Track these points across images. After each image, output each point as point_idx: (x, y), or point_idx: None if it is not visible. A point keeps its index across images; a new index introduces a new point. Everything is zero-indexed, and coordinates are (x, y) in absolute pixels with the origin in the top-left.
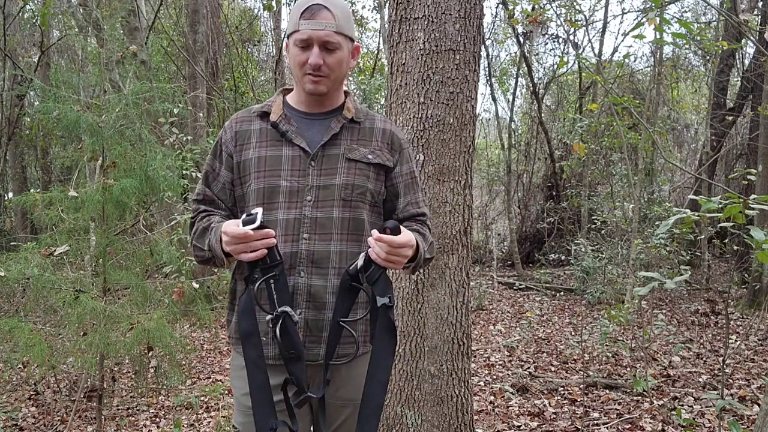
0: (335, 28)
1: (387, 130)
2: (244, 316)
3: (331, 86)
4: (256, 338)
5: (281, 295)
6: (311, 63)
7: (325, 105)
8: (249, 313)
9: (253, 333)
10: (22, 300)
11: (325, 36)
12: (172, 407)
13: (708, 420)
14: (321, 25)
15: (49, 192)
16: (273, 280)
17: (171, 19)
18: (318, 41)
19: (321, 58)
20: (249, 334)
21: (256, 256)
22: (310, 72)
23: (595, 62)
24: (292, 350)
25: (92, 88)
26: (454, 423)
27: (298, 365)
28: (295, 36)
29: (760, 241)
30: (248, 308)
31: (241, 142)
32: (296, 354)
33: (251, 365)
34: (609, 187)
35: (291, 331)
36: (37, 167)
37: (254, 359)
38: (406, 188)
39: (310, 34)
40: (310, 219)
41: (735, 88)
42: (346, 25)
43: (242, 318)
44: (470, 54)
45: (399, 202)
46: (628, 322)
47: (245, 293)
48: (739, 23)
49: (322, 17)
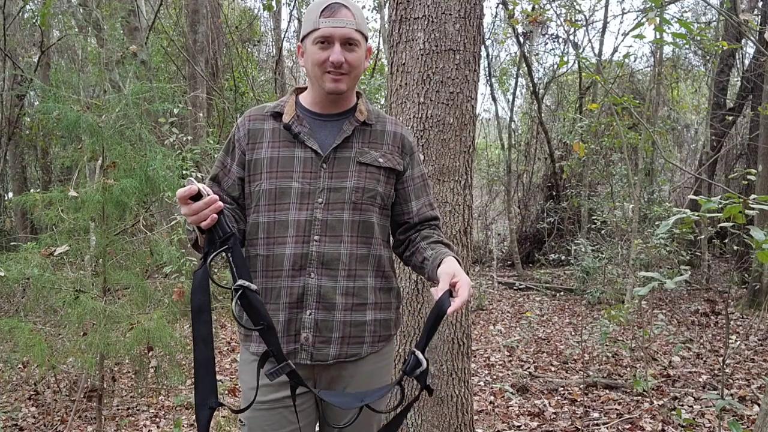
0: (355, 26)
1: (398, 134)
2: (197, 292)
3: (351, 85)
4: (207, 315)
5: (239, 269)
6: (333, 60)
7: (339, 106)
8: (202, 289)
9: (204, 309)
10: (22, 300)
11: (347, 33)
12: (172, 407)
13: (708, 420)
14: (342, 23)
15: (49, 192)
16: (229, 254)
17: (171, 19)
18: (340, 38)
19: (343, 56)
20: (200, 311)
21: (208, 223)
22: (331, 70)
23: (595, 62)
24: (261, 321)
25: (92, 88)
26: (454, 423)
27: (271, 334)
28: (314, 34)
29: (760, 241)
30: (202, 284)
31: (253, 141)
32: (266, 324)
33: (199, 341)
34: (609, 187)
35: (255, 302)
36: (37, 167)
37: (203, 336)
38: (419, 191)
39: (331, 32)
40: (321, 221)
41: (735, 88)
42: (363, 23)
43: (195, 293)
44: (470, 54)
45: (412, 205)
46: (628, 322)
47: (201, 269)
48: (739, 23)
49: (342, 15)
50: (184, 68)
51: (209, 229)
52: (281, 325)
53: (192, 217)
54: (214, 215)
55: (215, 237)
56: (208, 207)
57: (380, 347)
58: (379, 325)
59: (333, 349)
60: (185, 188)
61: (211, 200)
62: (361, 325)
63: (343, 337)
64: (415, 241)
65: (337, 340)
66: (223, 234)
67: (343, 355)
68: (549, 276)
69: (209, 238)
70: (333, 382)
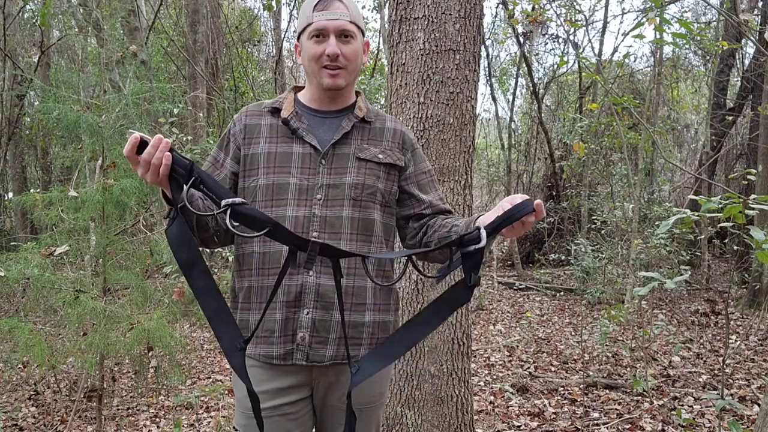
0: (349, 18)
1: (398, 130)
2: (180, 248)
3: (348, 79)
4: (201, 265)
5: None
6: (328, 53)
7: (338, 103)
8: (184, 243)
9: (194, 261)
10: (22, 300)
11: (341, 25)
12: (172, 407)
13: (708, 420)
14: (336, 15)
15: (49, 192)
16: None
17: (171, 19)
18: (334, 30)
19: (338, 48)
20: (191, 264)
21: (166, 165)
22: (327, 64)
23: (595, 62)
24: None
25: (92, 88)
26: (454, 423)
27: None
28: (309, 29)
29: (760, 241)
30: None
31: (249, 136)
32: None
33: (202, 293)
34: (609, 187)
35: (248, 212)
36: (37, 167)
37: (203, 287)
38: (427, 186)
39: (325, 24)
40: (320, 217)
41: (735, 88)
42: (357, 16)
43: (178, 251)
44: (470, 54)
45: (423, 200)
46: (628, 322)
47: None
48: (739, 23)
49: (335, 8)
50: (184, 68)
51: (170, 177)
52: (277, 325)
53: (149, 173)
54: (167, 153)
55: (178, 177)
56: (157, 149)
57: None
58: (378, 327)
59: (329, 350)
60: (128, 142)
61: (156, 140)
62: (359, 327)
63: (341, 338)
64: (434, 224)
65: (334, 341)
66: (183, 168)
67: (340, 357)
68: (549, 276)
69: (174, 186)
70: (331, 387)
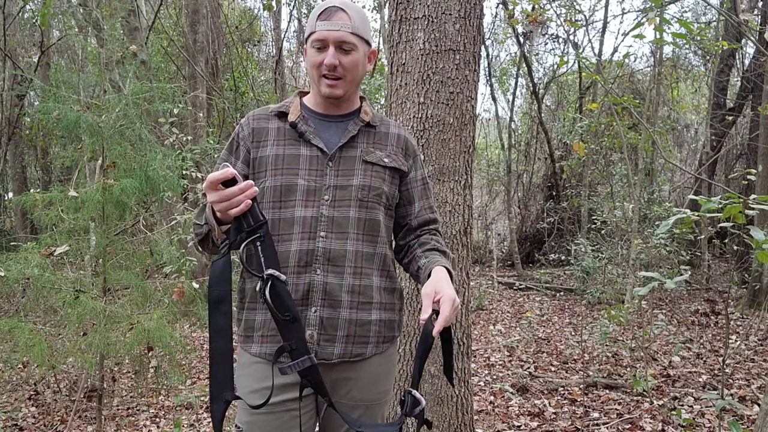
0: (351, 29)
1: (402, 136)
2: (217, 283)
3: (348, 89)
4: (226, 306)
5: (268, 259)
6: (326, 63)
7: (342, 108)
8: (223, 280)
9: (224, 300)
10: (22, 300)
11: (340, 36)
12: (172, 407)
13: (708, 420)
14: (336, 26)
15: (49, 192)
16: (259, 242)
17: (171, 19)
18: (334, 42)
19: (336, 59)
20: (220, 302)
21: (240, 210)
22: (326, 73)
23: (595, 62)
24: (287, 313)
25: (92, 88)
26: (454, 423)
27: (295, 327)
28: (312, 37)
29: (760, 241)
30: (223, 275)
31: (258, 139)
32: (292, 316)
33: (217, 333)
34: (609, 187)
35: (282, 293)
36: (37, 167)
37: (222, 327)
38: (420, 193)
39: (326, 35)
40: (327, 218)
41: (735, 88)
42: (362, 27)
43: (214, 285)
44: (470, 54)
45: (413, 206)
46: (628, 322)
47: (222, 260)
48: (739, 23)
49: (337, 18)
50: (184, 68)
51: (237, 218)
52: None
53: (221, 204)
54: (248, 201)
55: (243, 225)
56: (243, 193)
57: (385, 348)
58: (384, 325)
59: (338, 348)
60: (220, 172)
61: (247, 185)
62: (366, 325)
63: (348, 336)
64: (413, 248)
65: (342, 339)
66: (255, 222)
67: (348, 355)
68: (549, 276)
69: (236, 226)
70: (337, 384)
